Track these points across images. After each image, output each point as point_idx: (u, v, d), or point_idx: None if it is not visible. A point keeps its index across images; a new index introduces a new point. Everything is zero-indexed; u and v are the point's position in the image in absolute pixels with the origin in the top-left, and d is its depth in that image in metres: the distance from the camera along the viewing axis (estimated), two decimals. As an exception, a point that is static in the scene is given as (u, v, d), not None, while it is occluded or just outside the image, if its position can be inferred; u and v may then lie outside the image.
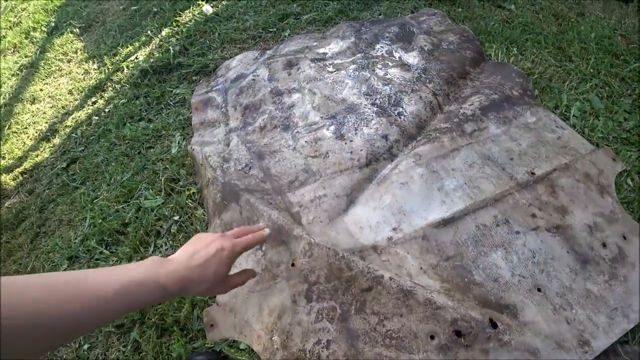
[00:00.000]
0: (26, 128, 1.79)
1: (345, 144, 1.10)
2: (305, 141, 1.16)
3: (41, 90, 1.97)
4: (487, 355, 0.75)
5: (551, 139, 1.10)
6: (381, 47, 1.42)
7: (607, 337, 0.83)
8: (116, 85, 1.80)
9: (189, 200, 1.23)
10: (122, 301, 0.48)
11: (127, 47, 1.98)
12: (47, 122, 1.78)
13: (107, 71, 1.90)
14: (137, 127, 1.55)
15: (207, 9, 2.10)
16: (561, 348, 0.77)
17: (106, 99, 1.78)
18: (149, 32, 2.01)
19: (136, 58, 1.89)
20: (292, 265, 0.90)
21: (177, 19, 2.05)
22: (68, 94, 1.89)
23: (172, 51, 1.78)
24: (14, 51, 2.37)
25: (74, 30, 2.28)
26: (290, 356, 0.78)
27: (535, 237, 0.92)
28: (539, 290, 0.87)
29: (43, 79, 2.03)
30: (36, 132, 1.75)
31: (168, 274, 0.54)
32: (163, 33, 1.98)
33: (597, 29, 1.67)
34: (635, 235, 0.98)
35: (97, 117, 1.71)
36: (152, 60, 1.80)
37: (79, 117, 1.75)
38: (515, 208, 0.96)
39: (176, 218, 1.22)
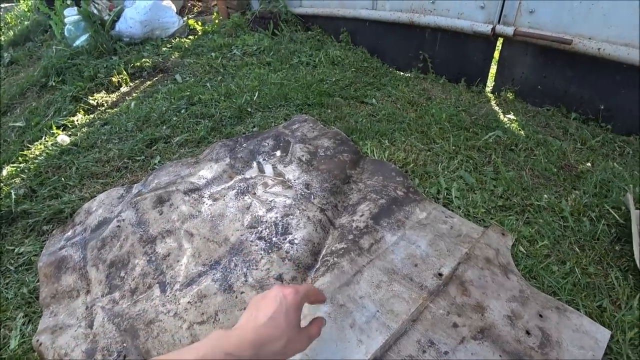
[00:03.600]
0: None
1: (236, 297, 0.90)
2: (188, 302, 0.93)
3: None
4: None
5: (445, 230, 1.10)
6: (258, 164, 1.35)
7: None
8: None
9: None
10: None
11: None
12: None
13: None
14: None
15: (63, 138, 1.84)
16: None
17: None
18: (-17, 173, 1.64)
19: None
20: None
21: (25, 153, 1.73)
22: None
23: (14, 195, 1.43)
24: None
25: None
26: None
27: (465, 351, 0.82)
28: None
29: None
30: None
31: (235, 342, 0.52)
32: (4, 173, 1.62)
33: (445, 109, 1.92)
34: (548, 309, 0.97)
35: None
36: (-15, 210, 1.42)
37: None
38: (435, 323, 0.86)
39: None
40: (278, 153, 1.40)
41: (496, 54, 2.29)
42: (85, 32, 2.99)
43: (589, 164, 1.79)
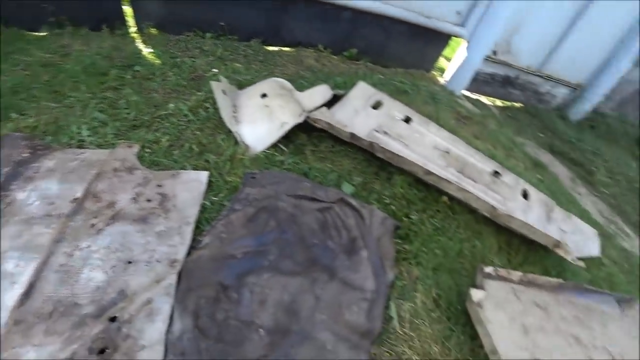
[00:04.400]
0: None
1: None
2: None
3: None
4: (135, 356, 0.99)
5: (75, 165, 1.41)
6: None
7: (184, 245, 1.28)
8: None
9: None
10: None
11: None
12: None
13: None
14: None
15: None
16: (168, 293, 1.12)
17: None
18: None
19: None
20: None
21: None
22: None
23: None
24: None
25: None
26: None
27: (103, 237, 1.21)
28: (129, 262, 1.18)
29: None
30: None
31: None
32: None
33: (82, 60, 2.06)
34: (165, 179, 1.45)
35: None
36: None
37: None
38: (77, 232, 1.20)
39: None
40: None
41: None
42: None
43: (215, 70, 2.41)
